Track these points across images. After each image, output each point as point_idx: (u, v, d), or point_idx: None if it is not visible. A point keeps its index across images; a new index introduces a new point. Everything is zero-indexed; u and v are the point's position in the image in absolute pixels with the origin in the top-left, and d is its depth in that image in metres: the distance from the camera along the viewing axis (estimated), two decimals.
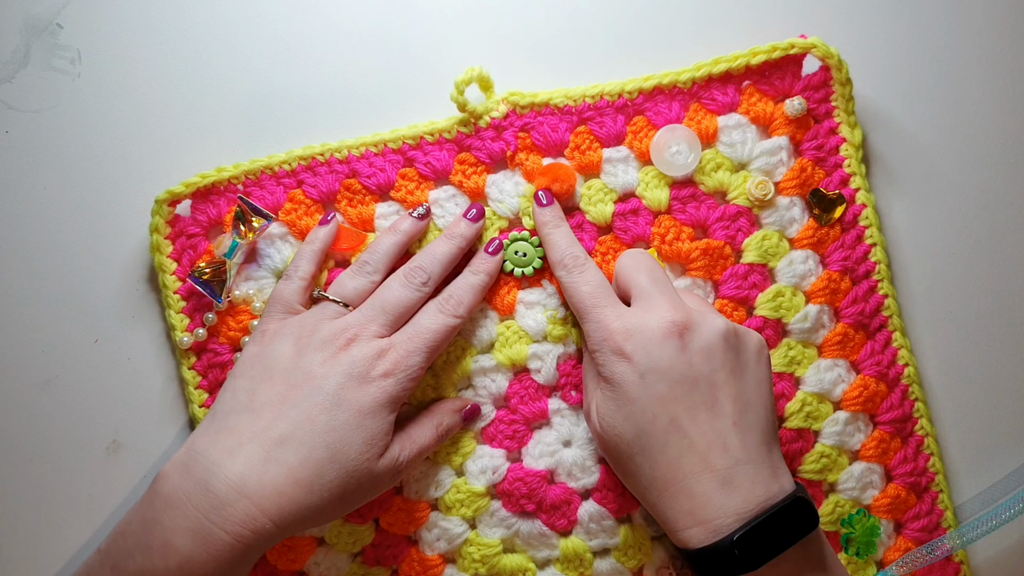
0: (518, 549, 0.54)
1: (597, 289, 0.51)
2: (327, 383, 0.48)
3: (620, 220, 0.55)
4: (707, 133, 0.55)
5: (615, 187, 0.55)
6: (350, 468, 0.47)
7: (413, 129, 0.55)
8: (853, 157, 0.55)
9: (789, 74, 0.55)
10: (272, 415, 0.47)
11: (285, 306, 0.52)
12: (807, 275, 0.55)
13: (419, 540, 0.54)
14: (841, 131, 0.55)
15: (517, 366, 0.55)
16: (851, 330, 0.55)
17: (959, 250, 0.57)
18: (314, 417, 0.47)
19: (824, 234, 0.55)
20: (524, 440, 0.54)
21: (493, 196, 0.55)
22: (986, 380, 0.57)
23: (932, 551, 0.54)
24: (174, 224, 0.55)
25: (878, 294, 0.55)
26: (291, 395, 0.48)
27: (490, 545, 0.54)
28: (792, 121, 0.55)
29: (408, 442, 0.51)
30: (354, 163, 0.55)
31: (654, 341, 0.47)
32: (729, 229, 0.55)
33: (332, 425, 0.47)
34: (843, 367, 0.55)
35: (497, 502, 0.54)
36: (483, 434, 0.55)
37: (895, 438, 0.55)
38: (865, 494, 0.55)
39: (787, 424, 0.54)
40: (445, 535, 0.54)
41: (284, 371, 0.49)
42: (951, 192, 0.57)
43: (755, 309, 0.55)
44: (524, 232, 0.54)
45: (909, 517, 0.55)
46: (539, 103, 0.55)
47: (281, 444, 0.46)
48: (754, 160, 0.55)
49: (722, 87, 0.55)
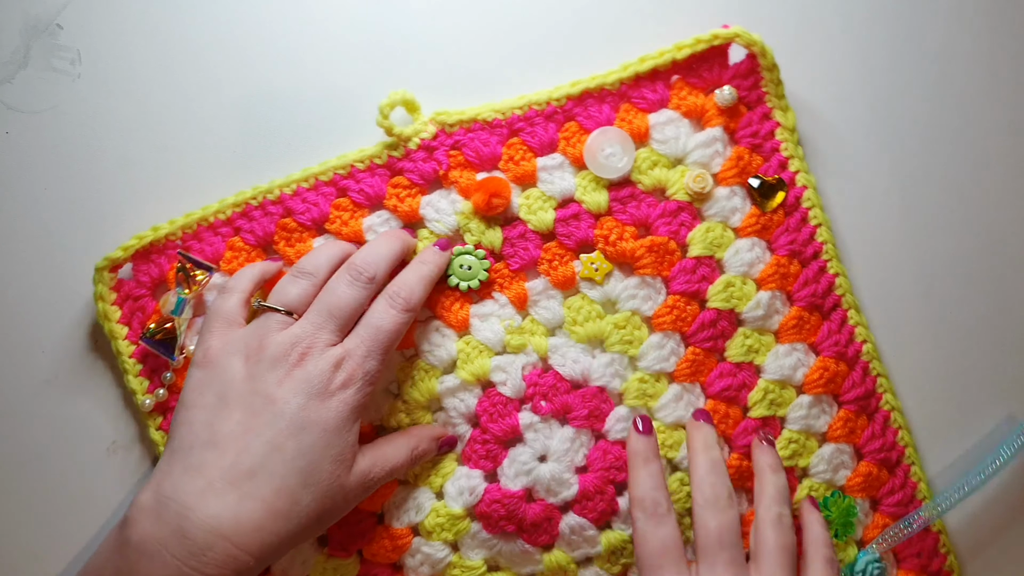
0: (502, 567, 0.54)
1: (669, 549, 0.49)
2: (288, 407, 0.47)
3: (562, 226, 0.54)
4: (640, 132, 0.55)
5: (553, 194, 0.54)
6: (323, 488, 0.47)
7: (343, 159, 0.54)
8: (789, 140, 0.55)
9: (716, 65, 0.55)
10: (237, 448, 0.46)
11: (225, 320, 0.50)
12: (755, 262, 0.55)
13: (403, 566, 0.54)
14: (774, 116, 0.55)
15: (482, 380, 0.54)
16: (805, 313, 0.55)
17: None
18: (281, 445, 0.46)
19: (768, 220, 0.55)
20: (499, 459, 0.54)
21: (429, 216, 0.54)
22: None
23: (910, 524, 0.54)
24: (119, 289, 0.54)
25: (828, 274, 0.55)
26: (253, 424, 0.46)
27: (473, 567, 0.53)
28: (724, 111, 0.55)
29: (381, 460, 0.50)
30: (287, 202, 0.54)
31: None
32: (672, 224, 0.54)
33: (300, 450, 0.46)
34: (801, 351, 0.55)
35: (477, 524, 0.53)
36: (461, 454, 0.54)
37: (861, 416, 0.55)
38: (838, 475, 0.55)
39: (751, 414, 0.54)
40: (428, 560, 0.53)
41: (240, 397, 0.47)
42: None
43: (707, 302, 0.54)
44: (468, 246, 0.54)
45: (884, 493, 0.55)
46: (467, 120, 0.54)
47: (252, 478, 0.45)
48: (690, 154, 0.55)
49: (651, 85, 0.55)
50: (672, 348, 0.54)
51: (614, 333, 0.54)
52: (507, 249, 0.54)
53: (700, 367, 0.54)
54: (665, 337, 0.54)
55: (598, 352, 0.55)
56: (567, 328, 0.54)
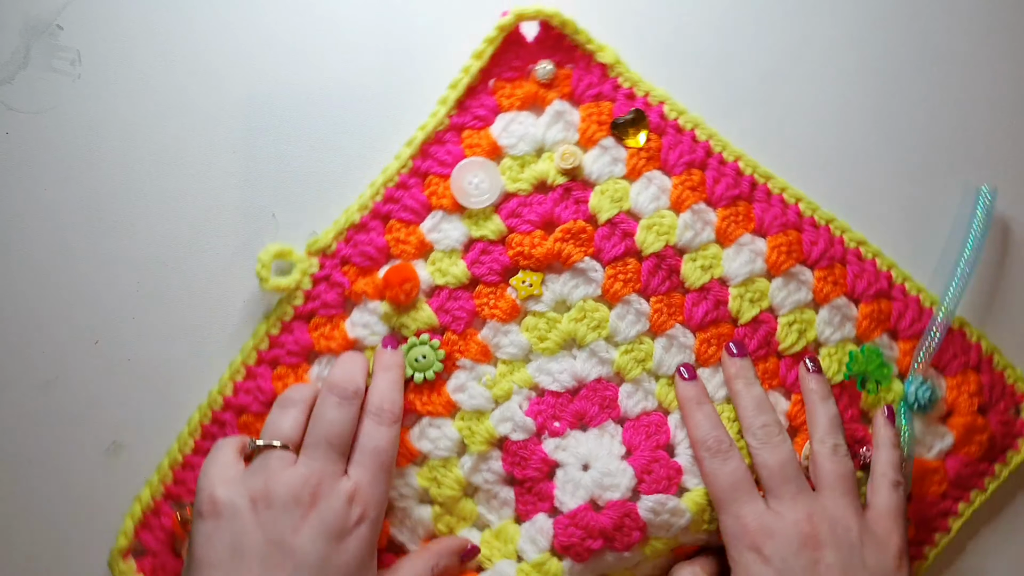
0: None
1: (739, 482, 0.50)
2: (308, 557, 0.45)
3: (477, 268, 0.54)
4: (491, 148, 0.54)
5: (452, 247, 0.54)
6: None
7: (256, 339, 0.55)
8: (621, 71, 0.55)
9: (519, 50, 0.55)
10: None
11: (223, 466, 0.48)
12: (660, 194, 0.55)
13: None
14: (596, 59, 0.55)
15: (494, 441, 0.54)
16: (732, 208, 0.55)
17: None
18: None
19: (648, 150, 0.55)
20: (550, 493, 0.54)
21: (361, 336, 0.55)
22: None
23: (932, 334, 0.54)
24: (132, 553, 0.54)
25: (729, 163, 0.55)
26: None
27: None
28: (551, 83, 0.55)
29: None
30: (229, 406, 0.55)
31: (791, 550, 0.48)
32: (569, 207, 0.54)
33: None
34: (749, 243, 0.55)
35: (567, 560, 0.53)
36: (516, 514, 0.54)
37: (834, 266, 0.55)
38: (846, 329, 0.55)
39: (741, 321, 0.54)
40: None
41: (256, 551, 0.45)
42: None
43: (642, 253, 0.54)
44: (412, 339, 0.54)
45: (895, 321, 0.55)
46: (340, 232, 0.55)
47: None
48: (545, 138, 0.55)
49: (475, 101, 0.55)
50: (635, 309, 0.54)
51: (579, 327, 0.54)
52: (444, 318, 0.54)
53: (671, 310, 0.54)
54: (624, 304, 0.54)
55: (576, 352, 0.55)
56: (537, 349, 0.54)
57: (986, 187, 0.56)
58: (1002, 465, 0.56)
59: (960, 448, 0.56)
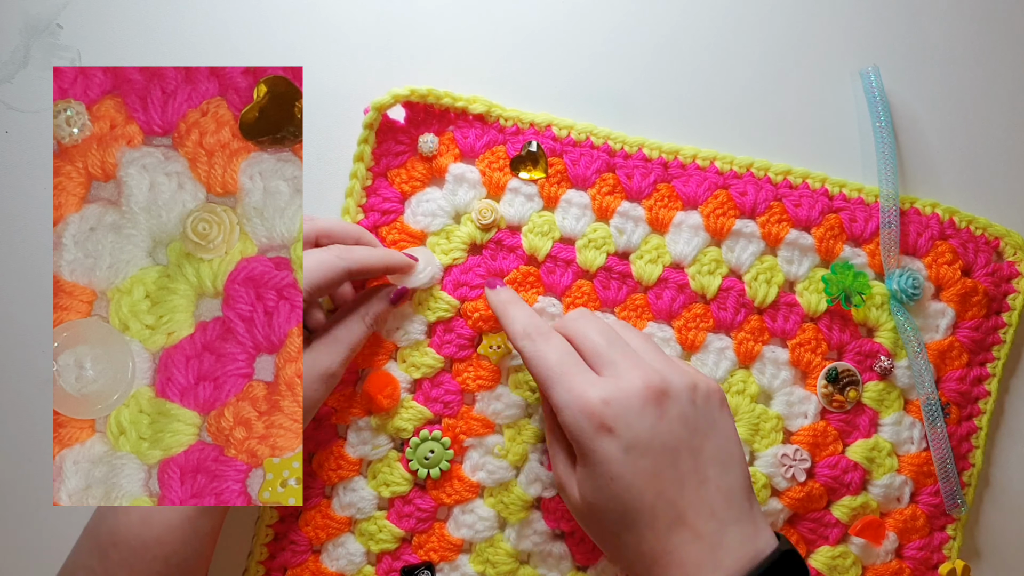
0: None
1: (565, 356, 0.47)
2: None
3: (446, 349, 0.54)
4: (414, 236, 0.55)
5: (415, 339, 0.55)
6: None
7: (260, 541, 0.55)
8: (499, 112, 0.55)
9: (397, 132, 0.55)
10: None
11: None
12: (583, 211, 0.55)
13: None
14: (470, 111, 0.55)
15: (531, 503, 0.54)
16: (656, 194, 0.55)
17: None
18: None
19: (556, 175, 0.55)
20: None
21: (366, 454, 0.55)
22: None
23: (887, 223, 0.54)
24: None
25: (633, 154, 0.55)
26: None
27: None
28: (439, 153, 0.55)
29: (339, 348, 0.51)
30: None
31: (633, 410, 0.44)
32: (507, 257, 0.55)
33: None
34: (684, 219, 0.55)
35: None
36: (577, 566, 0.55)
37: (772, 207, 0.55)
38: (809, 259, 0.55)
39: (710, 296, 0.54)
40: None
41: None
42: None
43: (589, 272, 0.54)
44: (414, 439, 0.54)
45: (849, 228, 0.56)
46: None
47: None
48: (457, 205, 0.55)
49: (377, 199, 0.55)
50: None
51: None
52: (435, 407, 0.55)
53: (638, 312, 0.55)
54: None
55: None
56: (533, 402, 0.55)
57: (866, 68, 0.56)
58: (1009, 312, 0.56)
59: (963, 316, 0.56)
